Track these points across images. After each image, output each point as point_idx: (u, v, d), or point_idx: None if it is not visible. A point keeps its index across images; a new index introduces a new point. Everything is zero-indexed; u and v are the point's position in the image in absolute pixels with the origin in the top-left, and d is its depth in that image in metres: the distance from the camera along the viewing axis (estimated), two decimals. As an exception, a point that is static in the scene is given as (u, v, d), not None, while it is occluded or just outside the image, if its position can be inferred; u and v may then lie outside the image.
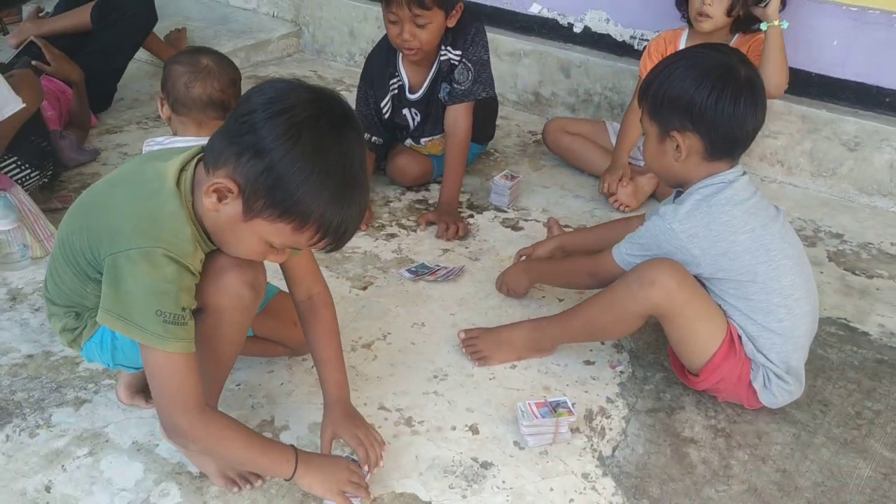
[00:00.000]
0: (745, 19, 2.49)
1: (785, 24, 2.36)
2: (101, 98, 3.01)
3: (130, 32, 3.00)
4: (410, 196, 2.62)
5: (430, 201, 2.59)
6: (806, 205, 2.68)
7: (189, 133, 1.93)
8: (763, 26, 2.37)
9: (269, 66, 3.68)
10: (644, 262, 1.65)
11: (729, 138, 1.62)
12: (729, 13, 2.45)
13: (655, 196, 2.59)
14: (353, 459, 1.52)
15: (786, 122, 2.75)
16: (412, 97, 2.53)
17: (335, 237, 1.28)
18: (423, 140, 2.62)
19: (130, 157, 2.74)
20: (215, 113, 1.90)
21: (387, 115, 2.53)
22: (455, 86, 2.45)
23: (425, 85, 2.50)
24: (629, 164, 2.59)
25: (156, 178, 1.34)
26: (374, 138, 2.55)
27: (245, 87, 2.24)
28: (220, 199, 1.27)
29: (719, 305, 1.68)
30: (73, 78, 2.75)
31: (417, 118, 2.57)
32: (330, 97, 1.27)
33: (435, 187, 2.66)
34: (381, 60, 2.50)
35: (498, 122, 3.17)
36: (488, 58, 2.49)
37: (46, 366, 1.80)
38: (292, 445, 1.45)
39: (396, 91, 2.52)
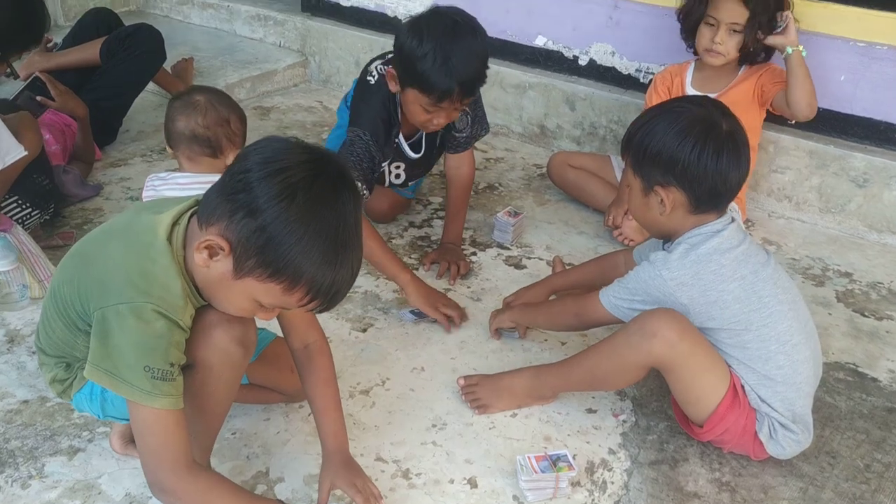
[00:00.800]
0: (754, 52, 2.47)
1: (805, 52, 2.34)
2: (106, 133, 3.00)
3: (138, 71, 2.99)
4: (413, 232, 2.60)
5: (433, 238, 2.57)
6: (814, 241, 2.64)
7: (185, 168, 1.93)
8: (789, 49, 2.34)
9: (275, 97, 3.67)
10: (645, 313, 1.62)
11: (713, 192, 1.61)
12: (741, 49, 2.43)
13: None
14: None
15: (793, 157, 2.72)
16: (413, 155, 2.40)
17: (326, 299, 1.26)
18: (410, 183, 2.58)
19: (134, 191, 2.73)
20: (200, 149, 1.89)
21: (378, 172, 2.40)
22: (455, 134, 2.38)
23: (424, 142, 2.39)
24: (634, 199, 2.56)
25: (148, 231, 1.33)
26: (365, 191, 2.34)
27: (250, 117, 2.23)
28: (211, 256, 1.25)
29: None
30: (78, 113, 2.74)
31: (403, 176, 2.49)
32: (326, 159, 1.26)
33: (437, 223, 2.64)
34: (384, 122, 2.23)
35: (502, 154, 3.17)
36: (479, 93, 2.40)
37: (42, 412, 1.78)
38: (281, 501, 1.43)
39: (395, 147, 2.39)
